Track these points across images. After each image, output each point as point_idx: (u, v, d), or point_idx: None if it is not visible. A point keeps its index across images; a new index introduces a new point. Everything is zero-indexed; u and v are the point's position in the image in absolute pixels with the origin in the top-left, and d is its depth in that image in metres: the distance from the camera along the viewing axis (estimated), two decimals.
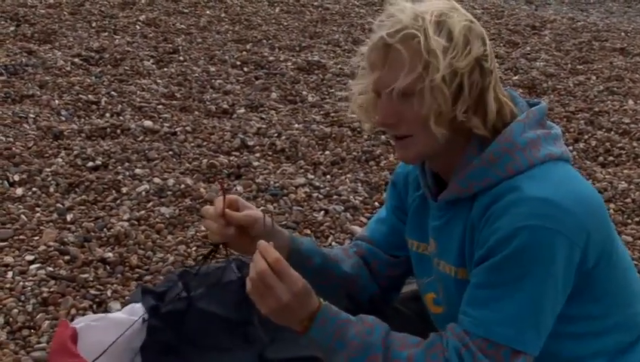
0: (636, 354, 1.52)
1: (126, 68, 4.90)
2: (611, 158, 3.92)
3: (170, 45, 5.50)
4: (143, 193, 3.20)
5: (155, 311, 2.12)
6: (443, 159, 1.49)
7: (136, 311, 2.11)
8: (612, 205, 3.35)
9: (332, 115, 4.30)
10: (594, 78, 5.37)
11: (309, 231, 3.01)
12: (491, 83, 1.43)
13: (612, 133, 4.22)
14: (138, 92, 4.48)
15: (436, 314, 1.62)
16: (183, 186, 3.25)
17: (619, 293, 1.50)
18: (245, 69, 5.12)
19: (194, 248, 2.81)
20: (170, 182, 3.29)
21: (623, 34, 6.88)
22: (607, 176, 3.63)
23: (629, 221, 3.25)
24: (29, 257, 2.66)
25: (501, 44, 6.26)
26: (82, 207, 3.08)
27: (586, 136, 4.14)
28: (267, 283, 1.37)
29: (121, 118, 4.10)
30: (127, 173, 3.39)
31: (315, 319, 1.40)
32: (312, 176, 3.52)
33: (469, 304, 1.41)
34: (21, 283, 2.50)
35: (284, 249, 1.60)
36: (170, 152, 3.64)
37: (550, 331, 1.41)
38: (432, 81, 1.37)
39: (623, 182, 3.54)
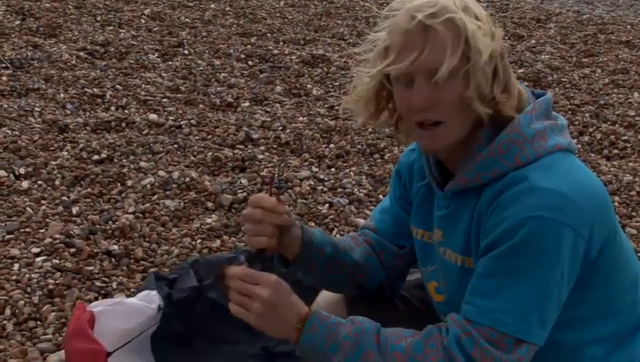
0: (637, 341, 1.52)
1: (131, 61, 4.91)
2: (616, 151, 3.91)
3: (175, 39, 5.50)
4: (148, 186, 3.21)
5: (169, 299, 2.13)
6: (452, 149, 1.49)
7: (151, 299, 2.11)
8: (617, 198, 3.35)
9: (336, 108, 4.31)
10: (599, 70, 5.35)
11: (313, 224, 3.02)
12: (509, 67, 1.46)
13: (617, 125, 4.22)
14: (143, 85, 4.49)
15: (438, 302, 1.63)
16: (187, 179, 3.26)
17: (621, 282, 1.51)
18: (250, 63, 5.12)
19: (199, 241, 2.82)
20: (175, 175, 3.29)
21: (628, 27, 6.85)
22: (612, 169, 3.63)
23: (634, 213, 3.25)
24: (35, 249, 2.68)
25: (506, 37, 6.23)
26: (87, 200, 3.10)
27: (591, 129, 4.14)
28: (246, 292, 1.40)
29: (126, 111, 4.11)
30: (132, 166, 3.40)
31: (307, 324, 1.40)
32: (317, 169, 3.52)
33: (473, 293, 1.41)
34: (27, 275, 2.52)
35: (297, 240, 1.60)
36: (175, 145, 3.65)
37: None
38: (477, 62, 1.38)
39: (627, 175, 3.53)
